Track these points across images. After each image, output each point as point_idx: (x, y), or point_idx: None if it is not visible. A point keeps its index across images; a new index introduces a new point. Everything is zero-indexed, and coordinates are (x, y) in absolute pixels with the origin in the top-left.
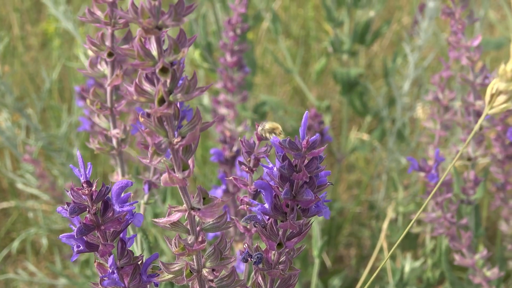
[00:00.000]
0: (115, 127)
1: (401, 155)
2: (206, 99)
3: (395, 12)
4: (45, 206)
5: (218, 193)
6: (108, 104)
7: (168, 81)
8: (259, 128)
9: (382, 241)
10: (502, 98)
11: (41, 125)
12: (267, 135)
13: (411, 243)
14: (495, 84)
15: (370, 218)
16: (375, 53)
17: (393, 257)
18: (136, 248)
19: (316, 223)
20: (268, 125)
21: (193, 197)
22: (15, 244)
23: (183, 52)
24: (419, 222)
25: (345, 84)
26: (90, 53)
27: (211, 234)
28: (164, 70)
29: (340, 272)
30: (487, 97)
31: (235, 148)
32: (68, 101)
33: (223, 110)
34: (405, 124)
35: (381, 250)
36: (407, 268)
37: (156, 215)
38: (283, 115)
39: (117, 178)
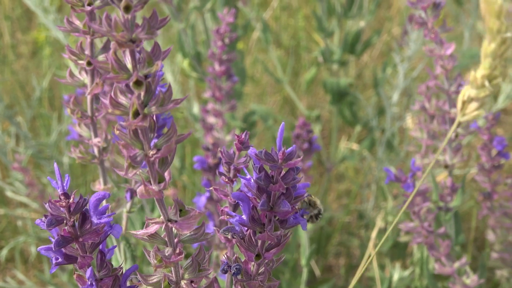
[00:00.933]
0: (96, 136)
1: (390, 165)
2: (196, 108)
3: (385, 23)
4: (34, 214)
5: (202, 200)
6: (89, 113)
7: (143, 93)
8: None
9: (370, 250)
10: (473, 105)
11: (31, 133)
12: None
13: (400, 252)
14: (467, 91)
15: (360, 228)
16: (365, 63)
17: (382, 267)
18: (120, 257)
19: (304, 232)
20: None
21: (171, 208)
22: (4, 252)
23: (157, 65)
24: (406, 231)
25: (335, 93)
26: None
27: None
28: (138, 83)
29: (328, 281)
30: (459, 104)
31: (218, 155)
32: (58, 109)
33: (211, 119)
34: (394, 134)
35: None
36: (395, 277)
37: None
38: (273, 124)
39: (99, 187)
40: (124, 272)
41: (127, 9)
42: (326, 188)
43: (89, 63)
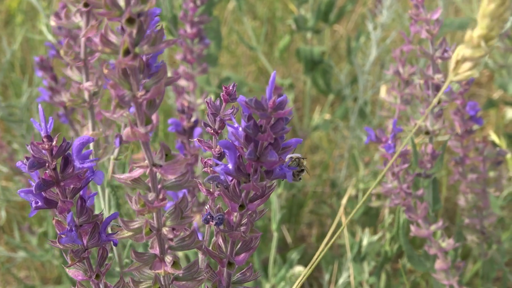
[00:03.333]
0: (87, 79)
1: (362, 133)
2: (169, 72)
3: None
4: (4, 181)
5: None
6: (82, 55)
7: (134, 32)
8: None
9: (340, 215)
10: (467, 65)
11: (1, 97)
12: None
13: (371, 220)
14: (461, 51)
15: (332, 196)
16: (341, 35)
17: (353, 234)
18: (104, 204)
19: (275, 197)
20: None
21: (157, 153)
22: None
23: (150, 2)
24: (378, 196)
25: (308, 62)
26: (53, 23)
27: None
28: (130, 21)
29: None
30: (452, 64)
31: (193, 119)
32: (31, 77)
33: (183, 82)
34: (366, 102)
35: (341, 226)
36: (365, 242)
37: None
38: (247, 92)
39: (88, 132)
40: (104, 219)
41: None
42: None
43: (85, 4)
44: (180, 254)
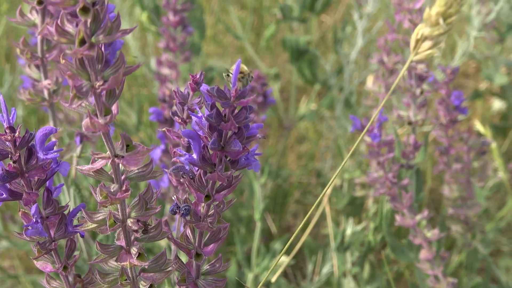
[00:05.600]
0: (46, 77)
1: (348, 123)
2: (153, 62)
3: None
4: None
5: (157, 152)
6: (39, 53)
7: (89, 21)
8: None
9: (324, 205)
10: (427, 44)
11: None
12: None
13: (356, 210)
14: (421, 29)
15: (317, 186)
16: (329, 26)
17: (337, 224)
18: (70, 202)
19: (258, 187)
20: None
21: (118, 144)
22: None
23: None
24: (362, 185)
25: (294, 51)
26: None
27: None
28: (85, 10)
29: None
30: (412, 43)
31: (174, 108)
32: (14, 63)
33: (165, 71)
34: (352, 92)
35: (326, 217)
36: (348, 231)
37: None
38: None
39: None
40: (71, 210)
41: None
42: (285, 147)
43: (39, 2)
44: (162, 243)
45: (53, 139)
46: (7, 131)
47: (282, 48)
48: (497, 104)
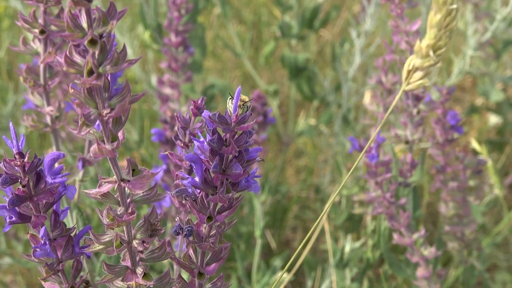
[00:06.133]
0: (49, 104)
1: (346, 139)
2: (154, 79)
3: (346, 0)
4: None
5: (159, 173)
6: (42, 81)
7: (97, 52)
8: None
9: (323, 222)
10: (418, 74)
11: None
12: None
13: (355, 225)
14: (412, 61)
15: (316, 202)
16: (327, 40)
17: (336, 239)
18: (71, 224)
19: (259, 204)
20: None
21: (124, 168)
22: None
23: (111, 24)
24: (361, 203)
25: (292, 68)
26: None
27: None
28: (93, 42)
29: (283, 253)
30: (404, 74)
31: (176, 128)
32: (17, 83)
33: (167, 90)
34: (350, 109)
35: (325, 233)
36: (347, 248)
37: None
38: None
39: None
40: (77, 232)
41: None
42: (284, 162)
43: (42, 32)
44: (165, 263)
45: (59, 152)
46: (17, 156)
47: (281, 63)
48: (493, 119)
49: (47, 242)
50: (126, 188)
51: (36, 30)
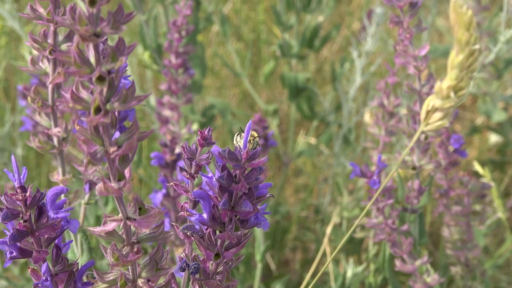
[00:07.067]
0: (56, 125)
1: (346, 160)
2: (153, 99)
3: (346, 18)
4: None
5: (158, 197)
6: (50, 102)
7: (105, 89)
8: (237, 138)
9: (325, 246)
10: (438, 115)
11: None
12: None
13: (355, 248)
14: (431, 101)
15: (316, 222)
16: (325, 57)
17: (337, 262)
18: (76, 249)
19: (259, 229)
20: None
21: (130, 206)
22: None
23: (121, 60)
24: (362, 227)
25: (292, 88)
26: (35, 52)
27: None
28: (101, 79)
29: (283, 277)
30: (423, 114)
31: (176, 152)
32: (14, 101)
33: (167, 112)
34: (351, 129)
35: (326, 254)
36: (349, 273)
37: (98, 217)
38: (232, 118)
39: (58, 177)
40: (80, 267)
41: (92, 2)
42: (284, 182)
43: (51, 52)
44: None
45: (62, 186)
46: (18, 190)
47: (281, 82)
48: (494, 138)
49: (49, 279)
50: (131, 226)
51: (46, 51)
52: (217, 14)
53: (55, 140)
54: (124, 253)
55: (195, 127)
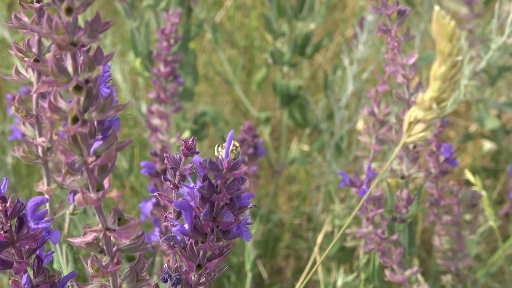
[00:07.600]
0: (40, 135)
1: (338, 168)
2: (144, 107)
3: (340, 24)
4: None
5: (148, 206)
6: (34, 112)
7: (82, 99)
8: (218, 149)
9: (316, 254)
10: (420, 126)
11: None
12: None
13: (347, 256)
14: (413, 112)
15: (308, 230)
16: (319, 64)
17: (328, 270)
18: (62, 259)
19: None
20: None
21: (110, 217)
22: None
23: (98, 70)
24: (353, 236)
25: (284, 96)
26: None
27: None
28: (78, 88)
29: (275, 285)
30: (405, 125)
31: (166, 161)
32: (4, 109)
33: (156, 121)
34: (342, 137)
35: (317, 263)
36: (339, 282)
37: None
38: (224, 126)
39: (42, 187)
40: (61, 278)
41: (68, 11)
42: (276, 189)
43: (36, 61)
44: None
45: (46, 196)
46: None
47: (273, 90)
48: (487, 145)
49: None
50: (111, 237)
51: (30, 60)
52: (209, 22)
53: (39, 150)
54: (104, 264)
55: (185, 135)
